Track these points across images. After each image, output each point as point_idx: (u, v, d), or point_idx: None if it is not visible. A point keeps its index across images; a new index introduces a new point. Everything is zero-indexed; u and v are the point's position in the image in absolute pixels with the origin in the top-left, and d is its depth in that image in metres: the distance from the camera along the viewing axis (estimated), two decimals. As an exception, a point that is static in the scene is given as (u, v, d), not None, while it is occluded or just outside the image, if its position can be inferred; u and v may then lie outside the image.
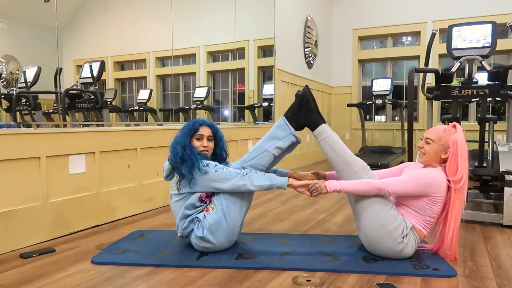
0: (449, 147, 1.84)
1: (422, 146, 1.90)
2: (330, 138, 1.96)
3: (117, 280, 1.65)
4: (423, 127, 6.41)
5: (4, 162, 2.01)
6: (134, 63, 3.94)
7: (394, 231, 1.78)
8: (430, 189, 1.78)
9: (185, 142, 1.95)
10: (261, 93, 5.18)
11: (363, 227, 1.87)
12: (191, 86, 4.58)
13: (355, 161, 1.92)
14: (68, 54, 2.95)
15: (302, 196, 3.51)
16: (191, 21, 4.26)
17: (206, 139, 2.01)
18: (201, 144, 2.00)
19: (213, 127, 2.07)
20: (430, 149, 1.87)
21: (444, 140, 1.85)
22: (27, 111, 2.72)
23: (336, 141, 1.95)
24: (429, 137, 1.89)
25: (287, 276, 1.68)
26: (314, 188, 1.88)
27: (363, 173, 1.89)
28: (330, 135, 1.97)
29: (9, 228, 2.02)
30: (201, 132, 2.00)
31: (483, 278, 1.67)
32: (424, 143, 1.90)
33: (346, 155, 1.93)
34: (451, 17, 6.14)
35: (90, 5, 3.29)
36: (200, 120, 2.05)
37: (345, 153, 1.93)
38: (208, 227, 1.90)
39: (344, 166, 1.92)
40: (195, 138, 2.00)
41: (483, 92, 2.72)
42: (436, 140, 1.86)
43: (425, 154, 1.89)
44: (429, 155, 1.88)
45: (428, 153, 1.88)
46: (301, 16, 5.91)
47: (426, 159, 1.89)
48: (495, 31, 2.72)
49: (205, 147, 2.01)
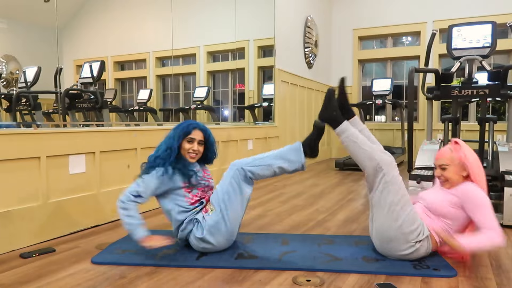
0: (464, 163, 1.85)
1: (441, 174, 1.89)
2: (352, 136, 1.88)
3: (117, 280, 1.65)
4: (423, 127, 6.41)
5: (4, 162, 2.01)
6: (134, 63, 3.94)
7: (409, 234, 1.76)
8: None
9: (173, 145, 1.95)
10: (261, 93, 5.18)
11: (379, 224, 1.82)
12: (191, 86, 4.58)
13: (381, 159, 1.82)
14: (68, 54, 2.96)
15: (302, 196, 3.51)
16: (191, 21, 4.26)
17: (196, 143, 2.00)
18: (191, 147, 1.99)
19: (206, 132, 2.06)
20: (450, 173, 1.87)
21: (457, 159, 1.85)
22: (27, 111, 2.72)
23: (359, 138, 1.87)
24: (442, 163, 1.88)
25: (287, 276, 1.68)
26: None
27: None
28: (352, 133, 1.89)
29: (9, 228, 2.02)
30: (193, 136, 1.99)
31: (483, 278, 1.67)
32: (441, 171, 1.89)
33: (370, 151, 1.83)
34: (451, 17, 6.14)
35: (90, 5, 3.29)
36: (194, 123, 2.03)
37: (371, 149, 1.84)
38: (207, 228, 1.90)
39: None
40: (186, 141, 1.99)
41: (483, 92, 2.72)
42: (450, 162, 1.86)
43: (448, 180, 1.88)
44: (452, 179, 1.87)
45: (450, 177, 1.87)
46: (301, 16, 5.91)
47: (451, 184, 1.88)
48: (495, 31, 2.72)
49: (194, 151, 2.00)
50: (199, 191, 2.02)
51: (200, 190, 2.02)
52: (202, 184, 2.03)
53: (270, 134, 4.94)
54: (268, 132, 4.89)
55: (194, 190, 2.00)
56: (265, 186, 4.10)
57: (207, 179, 2.09)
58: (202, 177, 2.05)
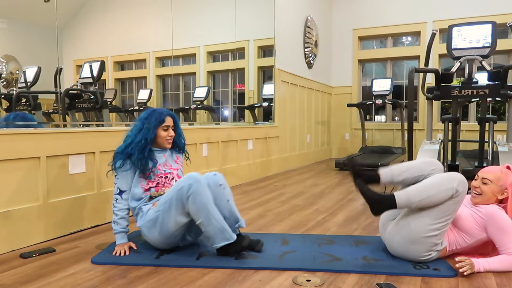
0: (506, 189, 1.84)
1: (479, 186, 1.87)
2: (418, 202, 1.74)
3: (117, 280, 1.65)
4: (423, 127, 6.41)
5: (4, 162, 2.01)
6: (134, 63, 3.94)
7: (433, 243, 1.76)
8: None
9: (149, 136, 2.01)
10: (261, 93, 5.18)
11: (415, 224, 1.74)
12: (191, 86, 4.58)
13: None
14: (68, 54, 2.95)
15: (302, 196, 3.51)
16: (191, 21, 4.26)
17: (171, 129, 2.09)
18: (167, 134, 2.07)
19: (174, 117, 2.13)
20: (488, 189, 1.85)
21: (503, 181, 1.84)
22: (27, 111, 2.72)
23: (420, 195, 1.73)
24: (487, 177, 1.86)
25: (287, 276, 1.68)
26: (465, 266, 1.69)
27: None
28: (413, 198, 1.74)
29: (9, 228, 2.02)
30: (167, 123, 2.06)
31: (483, 278, 1.67)
32: (481, 183, 1.87)
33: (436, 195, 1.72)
34: (451, 17, 6.14)
35: (90, 5, 3.29)
36: (165, 111, 2.09)
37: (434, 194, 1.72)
38: (145, 222, 1.94)
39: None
40: (161, 129, 2.05)
41: (483, 92, 2.72)
42: (494, 181, 1.84)
43: (482, 194, 1.86)
44: (486, 196, 1.85)
45: (485, 193, 1.85)
46: (301, 16, 5.91)
47: (482, 199, 1.87)
48: (495, 31, 2.72)
49: (172, 137, 2.09)
50: (156, 177, 2.05)
51: (157, 176, 2.05)
52: (160, 171, 2.06)
53: (270, 134, 4.94)
54: (268, 132, 4.90)
55: (151, 176, 2.03)
56: (265, 186, 4.10)
57: (169, 167, 2.12)
58: (164, 164, 2.10)
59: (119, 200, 2.00)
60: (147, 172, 2.02)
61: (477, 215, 1.83)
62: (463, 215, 1.85)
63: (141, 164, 1.98)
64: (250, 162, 4.48)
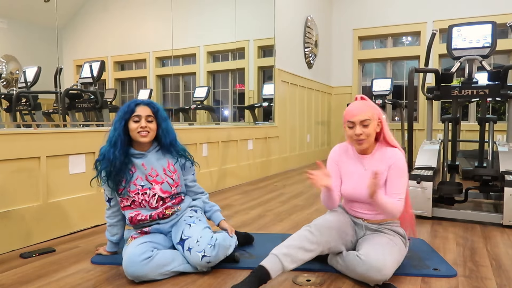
0: (380, 118, 1.71)
1: (362, 132, 1.67)
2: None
3: (117, 280, 1.65)
4: (423, 127, 6.41)
5: (4, 162, 2.01)
6: (134, 63, 3.94)
7: (403, 252, 1.73)
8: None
9: (118, 128, 1.74)
10: (261, 93, 5.18)
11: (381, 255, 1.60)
12: (191, 86, 4.58)
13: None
14: (68, 54, 2.95)
15: (302, 196, 3.51)
16: (191, 21, 4.26)
17: (144, 119, 1.74)
18: (138, 125, 1.73)
19: (153, 106, 1.79)
20: (371, 129, 1.68)
21: (375, 112, 1.70)
22: (27, 111, 2.72)
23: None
24: (366, 118, 1.66)
25: (287, 276, 1.67)
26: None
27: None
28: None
29: (9, 228, 2.02)
30: (138, 113, 1.74)
31: (483, 278, 1.67)
32: (362, 128, 1.66)
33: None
34: (451, 17, 6.14)
35: (90, 5, 3.29)
36: (137, 99, 1.79)
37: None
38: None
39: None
40: (132, 121, 1.74)
41: (483, 92, 2.71)
42: (372, 117, 1.67)
43: (367, 137, 1.68)
44: (371, 137, 1.69)
45: (370, 134, 1.68)
46: (301, 16, 5.91)
47: (369, 142, 1.70)
48: (495, 31, 2.72)
49: (143, 128, 1.73)
50: (131, 194, 1.76)
51: (132, 193, 1.76)
52: (136, 187, 1.76)
53: (270, 134, 4.94)
54: (268, 132, 4.90)
55: (125, 192, 1.76)
56: (265, 186, 4.10)
57: (153, 177, 1.78)
58: (146, 175, 1.77)
59: (107, 207, 1.86)
60: (120, 188, 1.76)
61: (381, 165, 1.70)
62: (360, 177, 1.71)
63: (111, 179, 1.73)
64: (250, 162, 4.48)
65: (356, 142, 1.71)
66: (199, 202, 1.96)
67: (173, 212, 1.82)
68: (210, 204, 2.00)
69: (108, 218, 1.87)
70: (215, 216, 1.97)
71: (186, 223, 1.79)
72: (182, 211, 1.86)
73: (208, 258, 1.66)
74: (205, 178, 3.61)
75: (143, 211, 1.78)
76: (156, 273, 1.62)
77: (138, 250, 1.61)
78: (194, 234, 1.73)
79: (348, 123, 1.70)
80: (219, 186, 3.88)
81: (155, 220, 1.79)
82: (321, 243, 1.61)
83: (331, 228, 1.67)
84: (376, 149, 1.76)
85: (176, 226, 1.82)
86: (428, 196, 2.60)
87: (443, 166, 3.04)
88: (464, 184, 2.87)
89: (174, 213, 1.82)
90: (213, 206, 2.00)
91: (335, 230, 1.68)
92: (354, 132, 1.68)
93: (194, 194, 1.98)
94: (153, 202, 1.78)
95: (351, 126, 1.69)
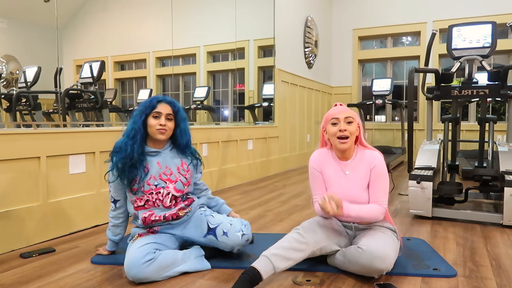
0: (358, 122, 1.77)
1: (346, 129, 1.70)
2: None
3: (117, 280, 1.65)
4: (423, 127, 6.41)
5: (4, 162, 2.01)
6: (134, 63, 3.94)
7: (397, 245, 1.74)
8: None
9: (138, 122, 1.74)
10: (261, 93, 5.18)
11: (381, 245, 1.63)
12: (191, 86, 4.58)
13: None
14: (68, 54, 2.95)
15: (302, 196, 3.51)
16: (191, 21, 4.25)
17: (164, 117, 1.76)
18: (157, 122, 1.75)
19: (174, 105, 1.82)
20: (354, 127, 1.73)
21: (354, 115, 1.75)
22: (27, 111, 2.72)
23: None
24: (350, 115, 1.72)
25: (287, 276, 1.67)
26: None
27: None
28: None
29: (9, 228, 2.02)
30: (159, 110, 1.76)
31: (483, 278, 1.67)
32: (346, 125, 1.71)
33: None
34: (451, 17, 6.14)
35: (90, 5, 3.29)
36: (160, 96, 1.81)
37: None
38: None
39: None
40: (152, 117, 1.76)
41: (483, 92, 2.71)
42: (355, 117, 1.73)
43: (350, 136, 1.71)
44: (353, 135, 1.73)
45: (353, 133, 1.72)
46: (301, 16, 5.91)
47: (351, 140, 1.73)
48: (495, 31, 2.72)
49: (163, 126, 1.75)
50: (145, 194, 1.76)
51: (146, 193, 1.76)
52: (149, 187, 1.76)
53: (270, 134, 4.94)
54: (268, 132, 4.90)
55: (139, 191, 1.76)
56: (265, 186, 4.10)
57: (167, 176, 1.80)
58: (160, 174, 1.78)
59: (113, 208, 1.85)
60: (134, 187, 1.75)
61: (362, 168, 1.74)
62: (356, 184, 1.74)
63: (125, 175, 1.73)
64: (250, 162, 4.48)
65: (339, 141, 1.72)
66: (204, 199, 2.02)
67: (185, 213, 1.85)
68: (215, 199, 2.08)
69: (113, 218, 1.87)
70: (223, 209, 2.05)
71: (206, 215, 1.86)
72: (193, 211, 1.89)
73: (247, 236, 1.80)
74: (205, 178, 3.61)
75: (157, 211, 1.78)
76: (157, 275, 1.62)
77: (140, 253, 1.62)
78: (222, 220, 1.83)
79: (332, 119, 1.74)
80: (219, 186, 3.88)
81: (168, 221, 1.81)
82: (310, 243, 1.64)
83: (319, 227, 1.71)
84: (356, 153, 1.79)
85: (193, 224, 1.85)
86: (428, 196, 2.60)
87: (443, 166, 3.04)
88: (464, 184, 2.87)
89: (186, 214, 1.85)
90: (218, 200, 2.09)
91: (324, 229, 1.71)
92: (338, 128, 1.71)
93: (199, 192, 2.04)
94: (167, 201, 1.79)
95: (336, 122, 1.73)
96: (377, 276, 1.60)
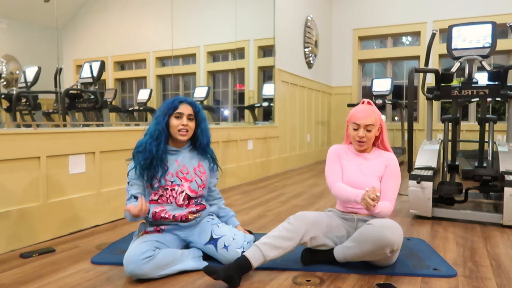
0: (380, 124, 1.88)
1: (364, 135, 1.82)
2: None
3: (117, 280, 1.65)
4: (423, 127, 6.41)
5: (4, 162, 2.01)
6: (134, 63, 3.93)
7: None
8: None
9: (161, 122, 1.77)
10: (261, 93, 5.18)
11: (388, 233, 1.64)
12: (191, 86, 4.58)
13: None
14: (68, 54, 2.95)
15: (302, 196, 3.51)
16: (191, 21, 4.25)
17: (186, 118, 1.80)
18: (180, 122, 1.78)
19: (195, 106, 1.85)
20: (373, 134, 1.84)
21: (378, 119, 1.85)
22: (27, 111, 2.72)
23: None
24: (370, 123, 1.81)
25: (287, 276, 1.68)
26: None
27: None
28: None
29: (9, 228, 2.02)
30: (180, 110, 1.80)
31: (483, 278, 1.67)
32: (365, 132, 1.82)
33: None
34: (451, 17, 6.14)
35: (90, 5, 3.29)
36: (181, 97, 1.84)
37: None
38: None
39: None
40: (174, 117, 1.79)
41: (483, 92, 2.71)
42: (375, 123, 1.83)
43: (367, 141, 1.84)
44: (370, 140, 1.85)
45: (371, 138, 1.84)
46: (301, 16, 5.91)
47: (368, 144, 1.87)
48: (495, 31, 2.72)
49: (184, 126, 1.79)
50: (161, 189, 1.80)
51: (162, 188, 1.79)
52: (166, 182, 1.80)
53: (270, 134, 4.94)
54: (268, 132, 4.90)
55: (156, 186, 1.79)
56: (265, 186, 4.10)
57: (184, 174, 1.83)
58: (177, 172, 1.81)
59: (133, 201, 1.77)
60: (154, 182, 1.78)
61: (378, 163, 1.85)
62: (368, 177, 1.83)
63: (147, 173, 1.75)
64: (250, 162, 4.48)
65: (357, 142, 1.86)
66: (215, 208, 2.03)
67: (195, 217, 1.85)
68: (226, 209, 2.09)
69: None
70: (230, 221, 2.05)
71: (212, 224, 1.87)
72: (202, 217, 1.90)
73: None
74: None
75: (168, 208, 1.80)
76: (155, 272, 1.63)
77: (140, 249, 1.62)
78: (226, 232, 1.82)
79: (353, 124, 1.84)
80: (219, 186, 3.85)
81: (176, 222, 1.81)
82: (299, 231, 1.69)
83: (309, 217, 1.76)
84: (373, 151, 1.92)
85: (198, 229, 1.86)
86: (428, 196, 2.60)
87: (443, 166, 3.04)
88: (464, 184, 2.87)
89: (195, 219, 1.85)
90: (229, 211, 2.09)
91: (314, 219, 1.76)
92: (357, 134, 1.83)
93: (212, 199, 2.05)
94: (180, 199, 1.82)
95: (356, 128, 1.83)
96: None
